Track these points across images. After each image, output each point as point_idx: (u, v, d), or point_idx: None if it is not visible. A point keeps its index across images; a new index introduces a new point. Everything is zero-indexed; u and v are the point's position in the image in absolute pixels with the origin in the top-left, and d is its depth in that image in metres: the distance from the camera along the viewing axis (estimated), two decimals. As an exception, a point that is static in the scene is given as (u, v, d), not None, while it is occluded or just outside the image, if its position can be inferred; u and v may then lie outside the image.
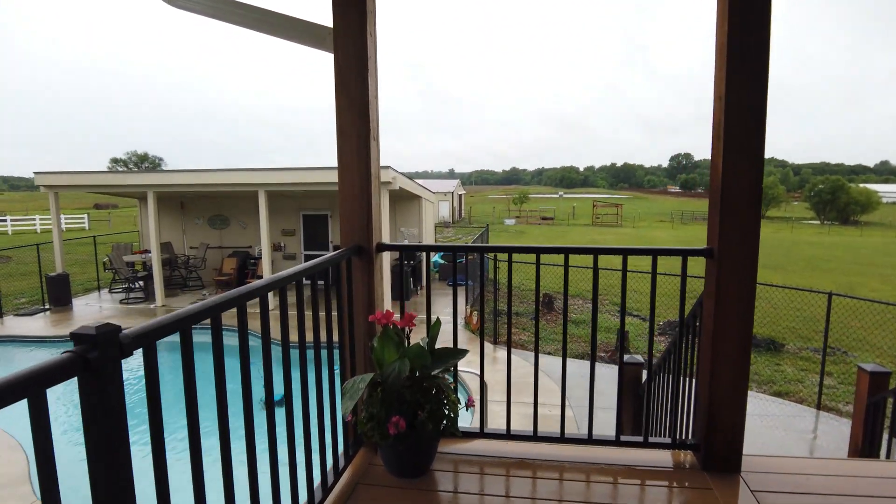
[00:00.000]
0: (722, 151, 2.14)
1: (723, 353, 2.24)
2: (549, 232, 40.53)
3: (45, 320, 12.57)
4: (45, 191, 13.99)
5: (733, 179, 2.13)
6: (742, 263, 2.17)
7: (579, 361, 9.39)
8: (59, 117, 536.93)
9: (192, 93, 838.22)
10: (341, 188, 2.45)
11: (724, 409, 2.28)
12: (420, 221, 15.46)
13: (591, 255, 2.61)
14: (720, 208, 2.16)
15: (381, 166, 8.43)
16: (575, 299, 14.80)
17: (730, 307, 2.21)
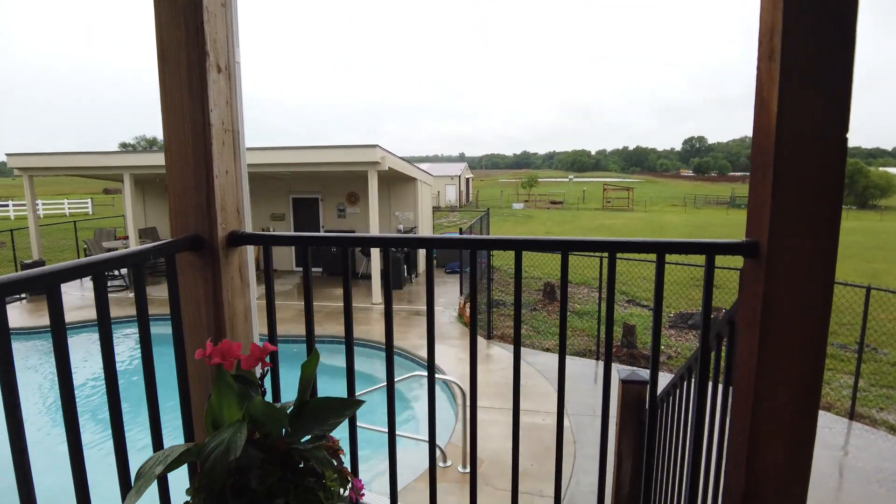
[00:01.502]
0: (778, 80, 1.23)
1: (771, 414, 1.36)
2: (557, 216, 39.47)
3: (19, 310, 11.87)
4: (20, 174, 13.24)
5: (799, 130, 1.23)
6: (810, 268, 1.27)
7: (581, 360, 8.49)
8: (70, 102, 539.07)
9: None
10: (167, 147, 1.56)
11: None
12: (416, 205, 14.57)
13: (603, 251, 1.67)
14: (775, 176, 1.26)
15: (368, 145, 7.32)
16: (579, 288, 13.89)
17: (785, 339, 1.31)
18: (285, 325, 10.31)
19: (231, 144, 1.62)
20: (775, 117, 1.24)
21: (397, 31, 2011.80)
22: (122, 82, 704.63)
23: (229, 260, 1.64)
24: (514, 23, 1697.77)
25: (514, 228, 30.00)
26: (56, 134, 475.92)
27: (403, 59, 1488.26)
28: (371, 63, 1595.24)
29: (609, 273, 1.66)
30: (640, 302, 12.65)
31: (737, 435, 1.46)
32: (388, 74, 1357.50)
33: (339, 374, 6.90)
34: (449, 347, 8.77)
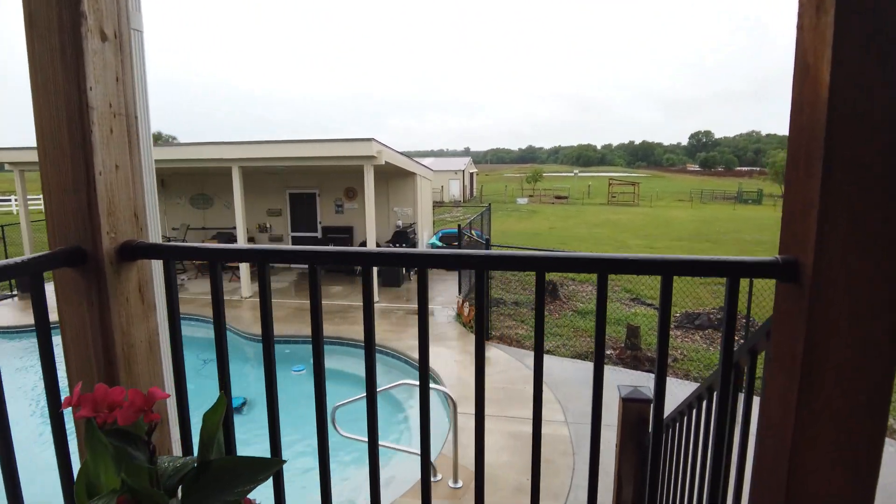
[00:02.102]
0: (832, 39, 0.89)
1: (815, 488, 1.01)
2: (562, 211, 39.05)
3: (8, 308, 11.62)
4: (11, 168, 12.97)
5: (860, 106, 0.89)
6: (872, 298, 0.93)
7: (582, 363, 8.14)
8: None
9: (205, 72, 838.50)
10: (38, 132, 1.23)
11: None
12: (415, 201, 14.22)
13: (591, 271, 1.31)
14: (825, 171, 0.91)
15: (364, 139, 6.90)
16: (583, 286, 13.52)
17: (836, 388, 0.97)
18: (277, 324, 10.00)
19: (124, 133, 1.28)
20: (827, 89, 0.90)
21: (403, 24, 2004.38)
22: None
23: (122, 277, 1.30)
24: (520, 17, 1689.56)
25: (518, 224, 29.61)
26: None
27: (409, 52, 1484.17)
28: (376, 56, 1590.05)
29: (598, 296, 1.31)
30: (645, 300, 12.29)
31: None
32: (394, 68, 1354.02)
33: (336, 377, 6.58)
34: (445, 349, 8.44)
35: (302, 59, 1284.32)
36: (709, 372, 8.16)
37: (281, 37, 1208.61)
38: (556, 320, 10.37)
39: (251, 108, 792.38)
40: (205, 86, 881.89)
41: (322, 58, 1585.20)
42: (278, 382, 7.16)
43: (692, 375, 8.04)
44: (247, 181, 14.25)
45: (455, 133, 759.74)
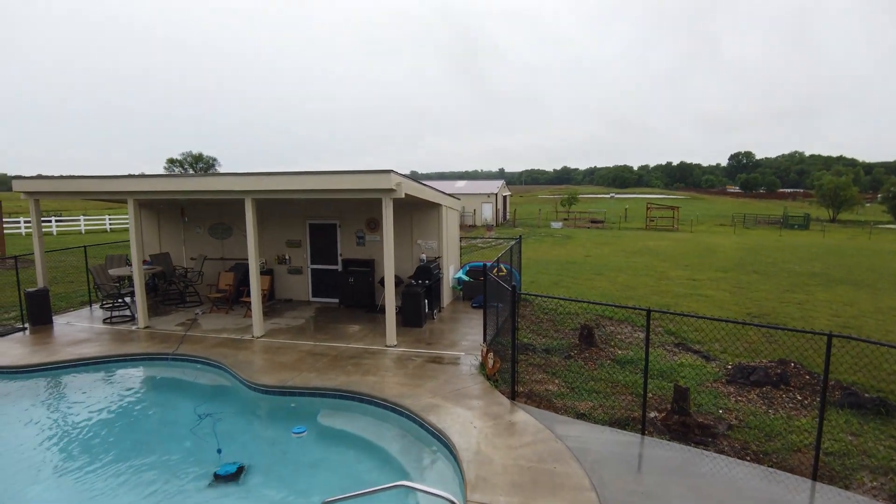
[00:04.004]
0: None
1: None
2: (597, 236, 37.70)
3: (10, 343, 11.11)
4: (26, 198, 12.62)
5: None
6: None
7: (624, 435, 6.99)
8: (124, 118, 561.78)
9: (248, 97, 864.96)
10: None
11: None
12: (440, 233, 13.36)
13: None
14: None
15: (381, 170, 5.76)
16: (622, 326, 12.39)
17: None
18: (285, 371, 9.20)
19: None
20: None
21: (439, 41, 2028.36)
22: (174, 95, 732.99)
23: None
24: (554, 32, 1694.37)
25: (552, 250, 28.44)
26: (108, 146, 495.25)
27: (446, 70, 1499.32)
28: (413, 72, 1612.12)
29: None
30: (692, 346, 11.09)
31: None
32: (432, 85, 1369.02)
33: (341, 441, 5.51)
34: (464, 409, 7.46)
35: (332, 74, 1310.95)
36: (772, 443, 6.99)
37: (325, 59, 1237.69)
38: (592, 372, 9.29)
39: (292, 126, 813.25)
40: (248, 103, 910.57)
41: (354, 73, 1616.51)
42: (276, 445, 5.81)
43: (751, 449, 6.88)
44: (265, 210, 13.65)
45: (489, 153, 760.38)
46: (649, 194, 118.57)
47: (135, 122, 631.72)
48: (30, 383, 9.48)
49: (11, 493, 6.27)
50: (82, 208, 55.58)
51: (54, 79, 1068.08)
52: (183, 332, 11.61)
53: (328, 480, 6.38)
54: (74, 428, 7.91)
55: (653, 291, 16.73)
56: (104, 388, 9.36)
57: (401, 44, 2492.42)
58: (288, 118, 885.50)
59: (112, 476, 6.55)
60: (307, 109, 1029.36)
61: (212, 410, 8.23)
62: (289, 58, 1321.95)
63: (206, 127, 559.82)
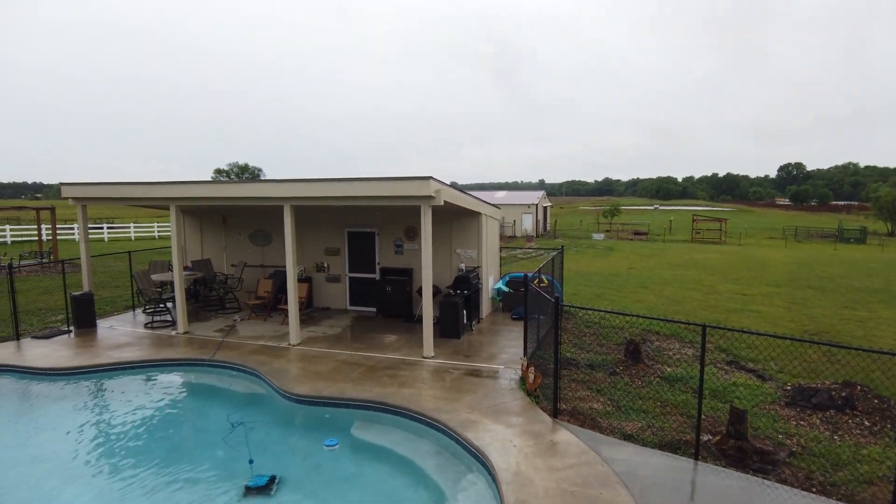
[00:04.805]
0: None
1: None
2: (641, 248, 36.73)
3: (55, 345, 11.29)
4: (74, 203, 12.90)
5: None
6: None
7: (676, 459, 6.51)
8: (185, 132, 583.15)
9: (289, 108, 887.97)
10: None
11: None
12: (480, 242, 13.06)
13: None
14: None
15: (420, 177, 5.47)
16: (670, 341, 11.81)
17: None
18: (320, 380, 9.02)
19: None
20: None
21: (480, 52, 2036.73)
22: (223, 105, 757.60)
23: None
24: (597, 42, 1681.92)
25: (594, 263, 27.77)
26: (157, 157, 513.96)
27: (487, 81, 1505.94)
28: (453, 83, 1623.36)
29: None
30: (745, 364, 10.45)
31: None
32: (472, 96, 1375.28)
33: (375, 456, 5.02)
34: (503, 427, 7.10)
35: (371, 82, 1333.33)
36: (840, 474, 6.40)
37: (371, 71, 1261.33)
38: (639, 390, 8.80)
39: (333, 137, 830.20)
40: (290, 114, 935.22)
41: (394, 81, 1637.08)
42: (308, 457, 5.36)
43: (816, 479, 6.30)
44: (304, 218, 13.61)
45: (530, 163, 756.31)
46: (694, 206, 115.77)
47: (184, 133, 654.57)
48: (72, 386, 9.56)
49: (46, 493, 6.22)
50: (133, 216, 57.38)
51: (116, 90, 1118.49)
52: (220, 338, 11.59)
53: (361, 497, 6.12)
54: (111, 432, 7.89)
55: (701, 306, 16.02)
56: (141, 393, 9.36)
57: (442, 55, 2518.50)
58: (328, 129, 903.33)
59: (144, 482, 6.45)
60: (347, 121, 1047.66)
61: (245, 419, 8.09)
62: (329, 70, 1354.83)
63: (249, 138, 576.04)
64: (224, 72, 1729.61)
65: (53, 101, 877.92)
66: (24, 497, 6.15)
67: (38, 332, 12.38)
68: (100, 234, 41.58)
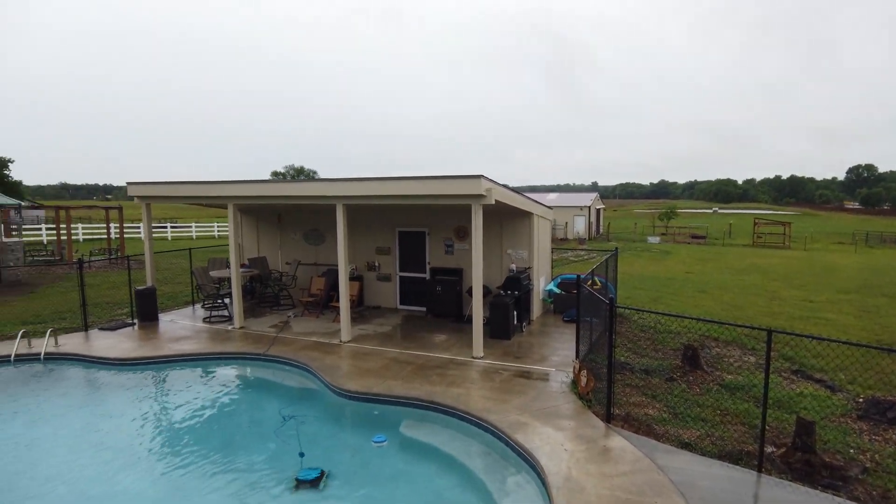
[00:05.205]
0: None
1: None
2: (699, 252, 35.56)
3: (120, 337, 11.79)
4: (139, 202, 13.45)
5: None
6: None
7: (737, 470, 6.18)
8: (241, 137, 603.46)
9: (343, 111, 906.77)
10: None
11: None
12: (531, 242, 12.88)
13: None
14: None
15: (471, 175, 5.48)
16: (730, 348, 11.33)
17: None
18: (370, 377, 9.06)
19: None
20: None
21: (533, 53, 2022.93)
22: (277, 110, 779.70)
23: None
24: (656, 41, 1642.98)
25: (649, 266, 27.02)
26: (217, 161, 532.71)
27: (540, 83, 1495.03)
28: (505, 85, 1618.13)
29: None
30: (812, 373, 9.90)
31: None
32: (524, 98, 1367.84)
33: (422, 454, 5.02)
34: (553, 430, 6.93)
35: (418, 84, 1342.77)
36: (920, 493, 5.94)
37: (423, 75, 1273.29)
38: (697, 397, 8.45)
39: (383, 140, 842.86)
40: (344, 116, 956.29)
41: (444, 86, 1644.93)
42: (357, 453, 5.36)
43: (893, 498, 5.87)
44: (356, 217, 13.75)
45: (582, 166, 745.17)
46: (756, 209, 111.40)
47: (245, 137, 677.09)
48: (135, 375, 9.94)
49: (110, 478, 6.46)
50: (195, 216, 59.62)
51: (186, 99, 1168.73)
52: (275, 333, 11.83)
53: (408, 495, 6.08)
54: (170, 420, 8.15)
55: (763, 312, 15.31)
56: (199, 384, 9.64)
57: (494, 56, 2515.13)
58: (379, 132, 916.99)
59: (201, 470, 6.62)
60: (398, 123, 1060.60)
61: (297, 412, 8.21)
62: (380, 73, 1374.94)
63: (303, 142, 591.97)
64: (276, 78, 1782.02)
65: (118, 109, 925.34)
66: (90, 481, 6.40)
67: (105, 323, 12.96)
68: (163, 233, 43.38)
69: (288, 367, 10.05)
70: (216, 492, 6.16)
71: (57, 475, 6.50)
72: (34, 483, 6.33)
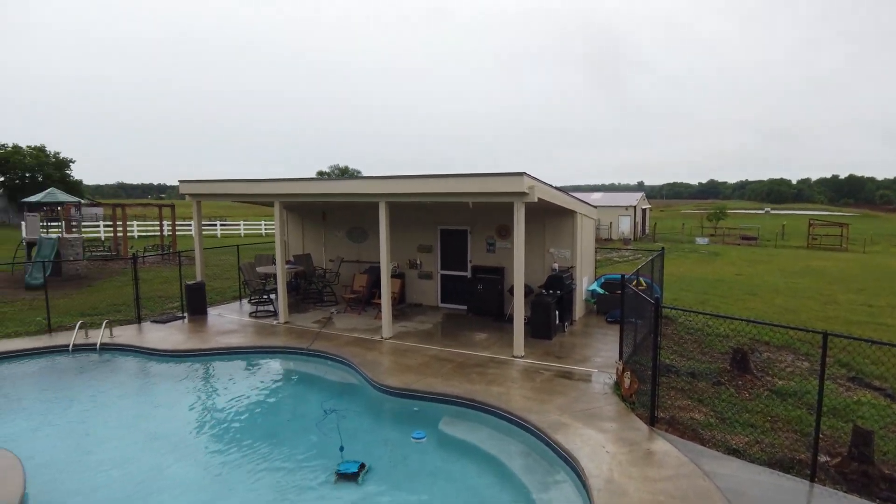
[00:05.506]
0: None
1: None
2: (750, 254, 34.43)
3: (171, 329, 12.20)
4: (190, 199, 13.88)
5: None
6: None
7: (788, 480, 5.94)
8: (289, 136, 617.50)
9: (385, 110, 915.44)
10: None
11: None
12: (574, 241, 12.70)
13: None
14: None
15: (514, 173, 5.46)
16: (782, 352, 10.92)
17: None
18: (410, 374, 9.11)
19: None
20: None
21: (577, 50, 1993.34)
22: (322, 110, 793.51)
23: None
24: (705, 36, 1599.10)
25: (696, 268, 26.31)
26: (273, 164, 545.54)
27: (584, 81, 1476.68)
28: (549, 84, 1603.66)
29: None
30: (871, 381, 9.45)
31: None
32: (568, 96, 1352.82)
33: (461, 451, 4.98)
34: (595, 432, 6.82)
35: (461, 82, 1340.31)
36: None
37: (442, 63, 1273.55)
38: (747, 402, 8.17)
39: (426, 139, 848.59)
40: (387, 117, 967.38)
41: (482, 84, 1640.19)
42: (396, 448, 5.41)
43: (961, 513, 5.54)
44: (398, 215, 13.85)
45: (627, 166, 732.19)
46: (811, 210, 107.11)
47: (290, 139, 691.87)
48: (184, 366, 10.26)
49: (154, 464, 6.68)
50: (243, 215, 61.16)
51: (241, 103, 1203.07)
52: (318, 329, 12.03)
53: (447, 492, 6.08)
54: (215, 411, 8.38)
55: (817, 317, 14.70)
56: (245, 377, 9.89)
57: (538, 54, 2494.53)
58: (420, 131, 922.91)
59: (245, 460, 6.78)
60: (440, 123, 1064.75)
61: (338, 406, 8.32)
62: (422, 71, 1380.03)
63: (345, 143, 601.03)
64: (322, 78, 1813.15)
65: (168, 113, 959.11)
66: (140, 467, 6.64)
67: (157, 316, 13.43)
68: (213, 231, 44.70)
69: (330, 362, 10.20)
70: (259, 481, 6.30)
71: (110, 460, 6.76)
72: (89, 467, 6.61)
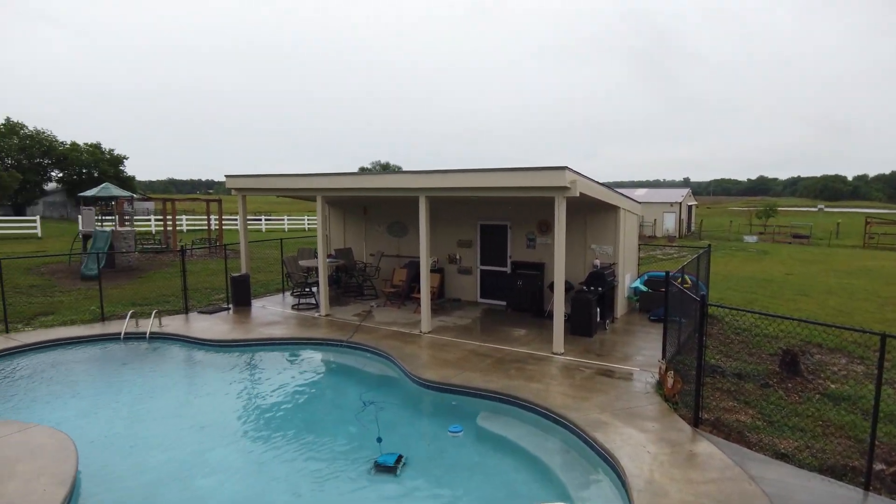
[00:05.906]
0: None
1: None
2: (801, 253, 33.17)
3: (216, 320, 12.55)
4: (236, 194, 14.22)
5: None
6: None
7: (841, 487, 5.68)
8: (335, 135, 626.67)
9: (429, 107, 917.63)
10: None
11: None
12: (616, 237, 12.47)
13: None
14: None
15: (555, 167, 5.47)
16: (835, 355, 10.47)
17: None
18: (448, 368, 9.12)
19: None
20: None
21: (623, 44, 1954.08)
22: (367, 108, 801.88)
23: None
24: (757, 27, 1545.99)
25: (744, 266, 25.50)
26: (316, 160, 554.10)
27: (629, 76, 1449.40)
28: (594, 78, 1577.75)
29: None
30: (931, 387, 8.96)
31: None
32: (613, 92, 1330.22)
33: (498, 447, 5.40)
34: (637, 431, 6.68)
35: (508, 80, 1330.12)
36: None
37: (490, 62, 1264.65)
38: (796, 405, 7.87)
39: (469, 135, 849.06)
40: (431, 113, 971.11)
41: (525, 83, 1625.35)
42: (434, 441, 5.48)
43: None
44: (438, 210, 13.88)
45: (673, 162, 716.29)
46: (868, 208, 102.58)
47: (332, 137, 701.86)
48: (228, 356, 10.53)
49: (198, 449, 6.87)
50: (287, 210, 62.37)
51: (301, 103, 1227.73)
52: (358, 322, 12.16)
53: (483, 487, 6.06)
54: (257, 400, 8.57)
55: (874, 319, 14.04)
56: (287, 367, 10.09)
57: (583, 48, 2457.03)
58: (465, 127, 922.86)
59: (287, 448, 6.90)
60: (484, 117, 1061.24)
61: (376, 399, 8.40)
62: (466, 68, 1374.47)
63: (388, 140, 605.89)
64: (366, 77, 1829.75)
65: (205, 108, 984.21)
66: (185, 451, 6.84)
67: (203, 307, 13.81)
68: (258, 225, 45.74)
69: (369, 355, 10.31)
70: (298, 470, 6.41)
71: (157, 444, 6.99)
72: (138, 450, 6.85)
